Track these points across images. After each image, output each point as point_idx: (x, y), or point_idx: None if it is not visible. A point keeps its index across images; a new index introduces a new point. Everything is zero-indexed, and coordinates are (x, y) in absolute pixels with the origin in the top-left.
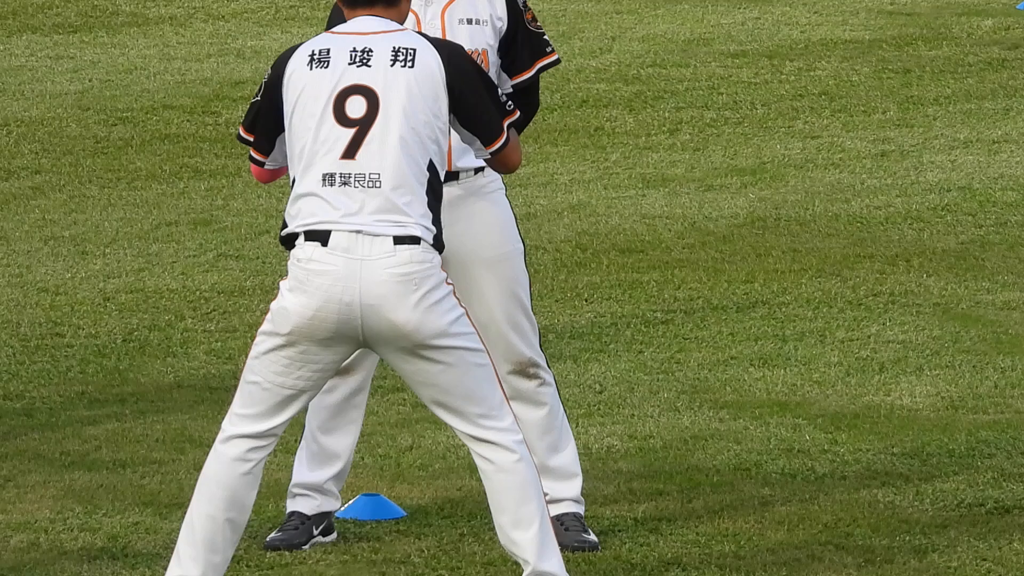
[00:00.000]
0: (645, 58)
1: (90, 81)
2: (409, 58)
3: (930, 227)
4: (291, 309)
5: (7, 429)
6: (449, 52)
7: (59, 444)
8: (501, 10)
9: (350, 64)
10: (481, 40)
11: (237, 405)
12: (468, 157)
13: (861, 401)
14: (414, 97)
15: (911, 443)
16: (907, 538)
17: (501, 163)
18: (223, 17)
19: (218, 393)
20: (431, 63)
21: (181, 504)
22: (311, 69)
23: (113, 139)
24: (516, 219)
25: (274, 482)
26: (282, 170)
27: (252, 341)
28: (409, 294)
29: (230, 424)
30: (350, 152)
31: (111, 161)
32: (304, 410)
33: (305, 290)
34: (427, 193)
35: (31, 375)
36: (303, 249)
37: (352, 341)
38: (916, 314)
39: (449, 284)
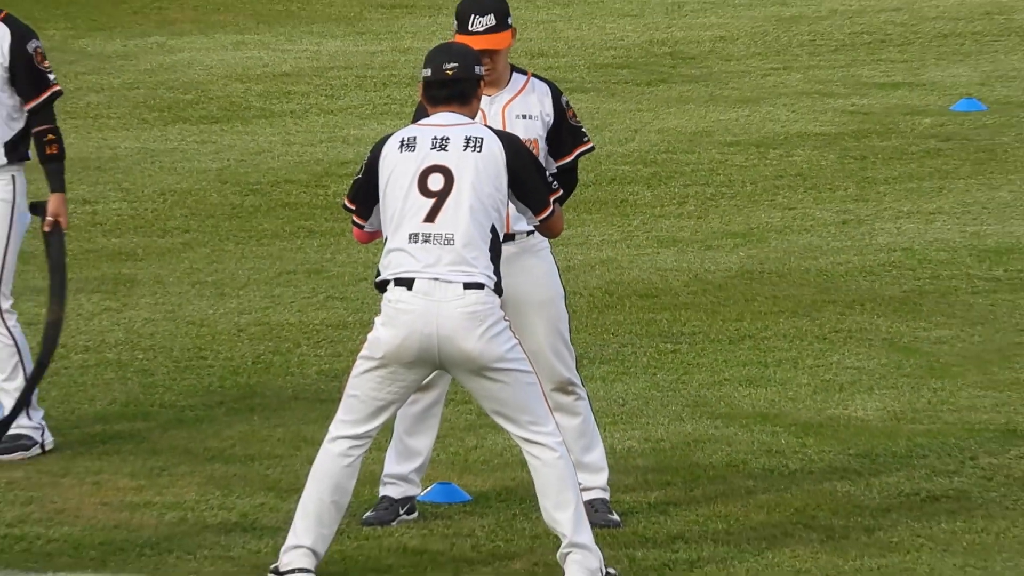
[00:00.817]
0: (660, 146)
1: (228, 160)
2: (478, 145)
3: (880, 279)
4: (383, 339)
5: (163, 430)
6: (508, 141)
7: (202, 442)
8: (549, 108)
9: (431, 149)
10: (533, 131)
11: (341, 413)
12: (522, 223)
13: (825, 413)
14: (480, 175)
15: (863, 446)
16: (859, 519)
17: (548, 229)
18: (332, 112)
19: (326, 404)
20: (495, 149)
21: (297, 489)
22: (401, 152)
23: (246, 206)
24: (559, 270)
25: (369, 473)
26: (378, 233)
27: (353, 364)
28: (475, 328)
29: (335, 428)
30: (431, 217)
31: (244, 223)
32: (393, 417)
33: (394, 324)
34: (490, 250)
35: (181, 389)
36: (393, 292)
37: (430, 364)
38: (868, 346)
39: (506, 320)
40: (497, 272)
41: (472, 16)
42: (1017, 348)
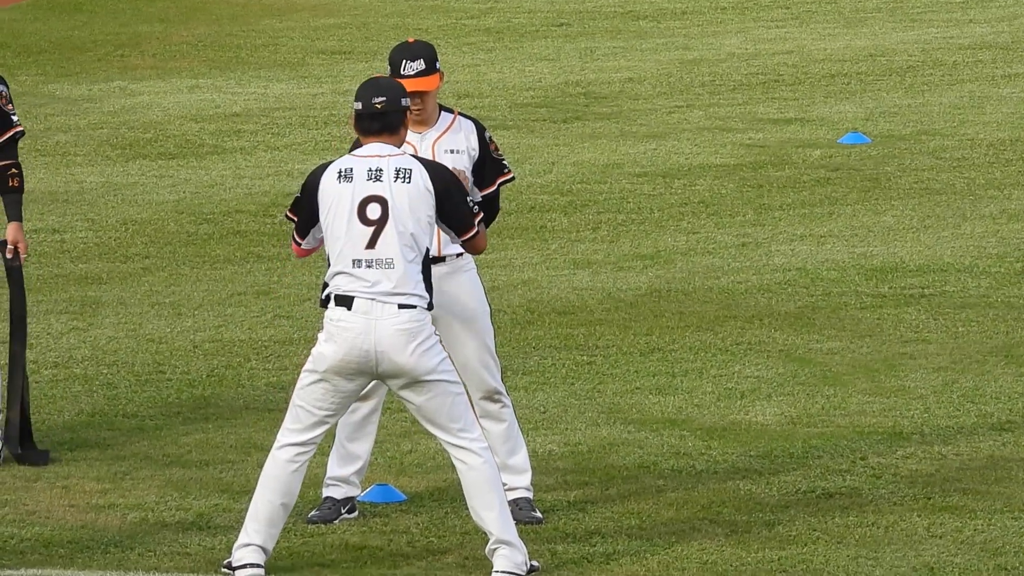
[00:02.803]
0: (575, 177)
1: (184, 193)
2: (407, 176)
3: (776, 296)
4: (326, 354)
5: (126, 438)
6: (434, 169)
7: (162, 449)
8: (474, 143)
9: (367, 180)
10: (460, 164)
11: (288, 422)
12: (452, 246)
13: (728, 419)
14: (412, 203)
15: (763, 448)
16: (760, 515)
17: (472, 246)
18: (278, 148)
19: (274, 413)
20: (422, 179)
21: (248, 491)
22: (339, 183)
23: (200, 234)
24: (485, 289)
25: (313, 476)
26: (313, 250)
27: (298, 377)
28: (409, 343)
29: (282, 436)
30: (371, 243)
31: (198, 250)
32: (335, 425)
33: (336, 341)
34: (422, 271)
35: (142, 400)
36: (334, 312)
37: (368, 376)
38: (767, 357)
39: (436, 335)
40: (429, 291)
41: (404, 61)
42: (902, 358)
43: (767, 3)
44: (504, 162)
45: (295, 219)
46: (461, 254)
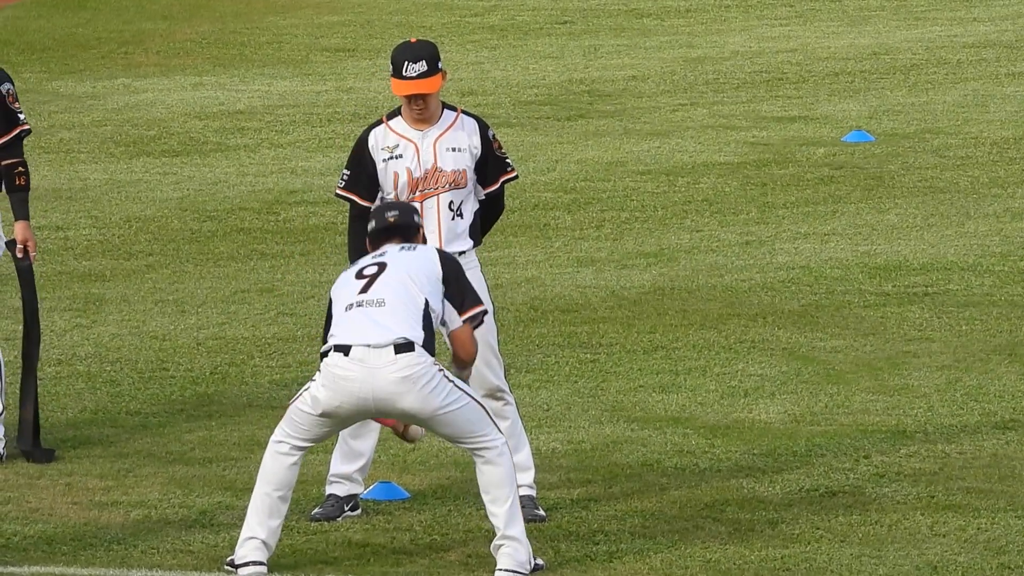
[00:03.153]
0: (579, 175)
1: (187, 190)
2: (412, 248)
3: (780, 294)
4: (321, 400)
5: (129, 436)
6: (441, 252)
7: (165, 446)
8: (477, 142)
9: (370, 258)
10: (462, 163)
11: (285, 425)
12: (457, 243)
13: (732, 417)
14: (412, 264)
15: (766, 446)
16: (763, 513)
17: (460, 341)
18: (281, 146)
19: (278, 411)
20: (428, 252)
21: (251, 488)
22: (355, 279)
23: (204, 231)
24: (488, 287)
25: (317, 473)
26: None
27: (297, 394)
28: (411, 390)
29: (280, 433)
30: (365, 289)
31: (202, 247)
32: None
33: (331, 388)
34: (423, 319)
35: (145, 397)
36: (332, 357)
37: (369, 415)
38: (770, 355)
39: (441, 371)
40: (429, 336)
41: (405, 63)
42: (905, 356)
43: (771, 1)
44: (507, 160)
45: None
46: (464, 252)
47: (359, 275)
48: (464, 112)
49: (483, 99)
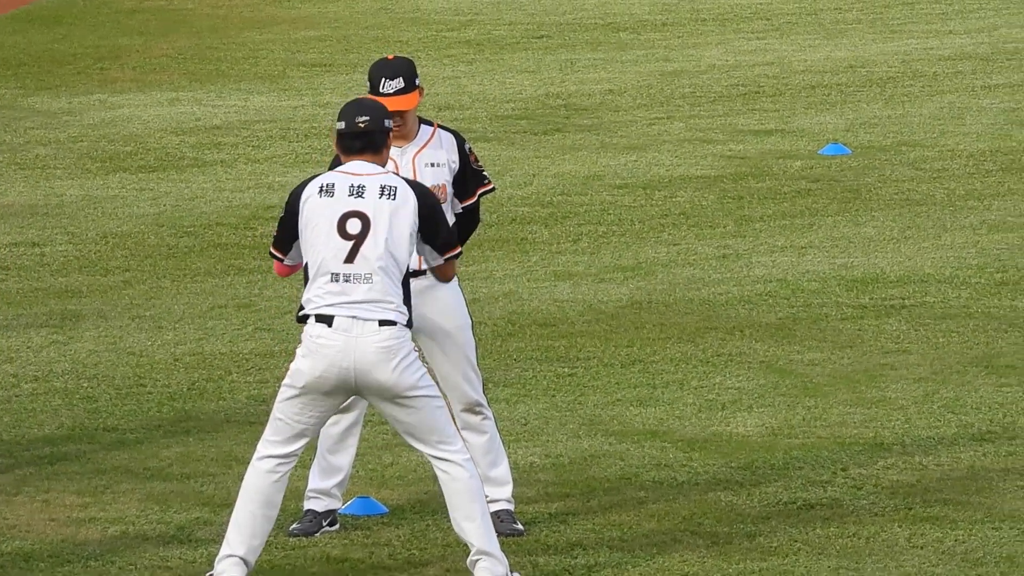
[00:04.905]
0: (556, 189)
1: (164, 206)
2: (392, 193)
3: (757, 307)
4: (304, 370)
5: (106, 452)
6: (419, 190)
7: (142, 462)
8: (454, 156)
9: (349, 196)
10: (441, 177)
11: (268, 434)
12: (434, 260)
13: (709, 430)
14: (394, 220)
15: (744, 459)
16: (741, 526)
17: (443, 272)
18: (258, 161)
19: (255, 426)
20: (408, 197)
21: (229, 504)
22: (320, 197)
23: (180, 247)
24: (466, 302)
25: (295, 488)
26: (296, 267)
27: (278, 390)
28: (389, 361)
29: (263, 447)
30: (350, 258)
31: (179, 263)
32: (316, 437)
33: (314, 357)
34: (402, 287)
35: (123, 414)
36: (314, 328)
37: (347, 392)
38: (747, 368)
39: (416, 351)
40: (408, 307)
41: (383, 79)
42: (882, 368)
43: (747, 15)
44: (484, 173)
45: (276, 235)
46: None
47: (341, 229)
48: (440, 126)
49: (460, 113)
